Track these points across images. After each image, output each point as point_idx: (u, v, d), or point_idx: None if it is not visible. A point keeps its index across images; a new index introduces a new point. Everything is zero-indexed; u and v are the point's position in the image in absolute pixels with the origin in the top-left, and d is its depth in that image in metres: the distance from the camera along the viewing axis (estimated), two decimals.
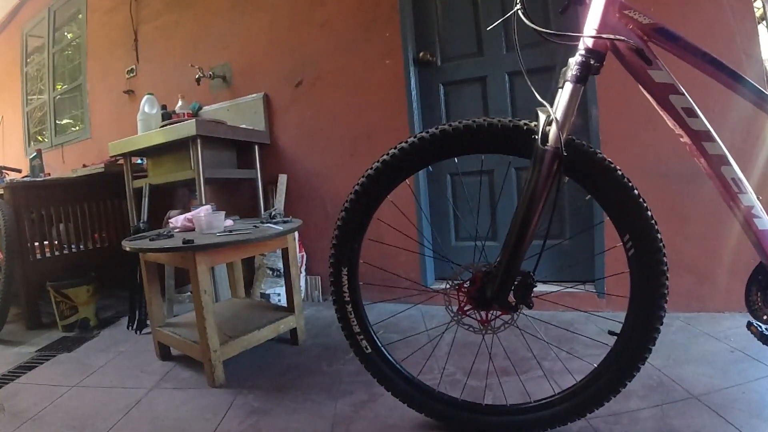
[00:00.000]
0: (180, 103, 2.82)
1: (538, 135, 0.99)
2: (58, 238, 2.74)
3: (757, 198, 1.01)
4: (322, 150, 2.70)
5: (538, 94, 1.01)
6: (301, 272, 2.64)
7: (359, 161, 2.55)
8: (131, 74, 3.56)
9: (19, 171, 3.37)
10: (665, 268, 1.03)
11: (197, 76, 2.94)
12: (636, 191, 1.04)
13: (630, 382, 1.09)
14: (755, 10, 1.85)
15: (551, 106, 1.00)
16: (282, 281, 2.46)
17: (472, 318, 1.17)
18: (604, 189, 1.06)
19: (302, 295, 2.64)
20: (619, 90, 1.88)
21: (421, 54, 2.46)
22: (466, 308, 1.17)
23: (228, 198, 3.00)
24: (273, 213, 2.06)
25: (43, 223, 2.67)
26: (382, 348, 1.28)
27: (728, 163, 0.99)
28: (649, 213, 1.03)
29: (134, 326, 2.33)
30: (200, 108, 3.03)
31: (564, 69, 1.01)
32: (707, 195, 1.88)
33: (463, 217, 2.52)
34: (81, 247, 2.83)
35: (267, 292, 2.51)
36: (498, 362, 1.53)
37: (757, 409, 1.20)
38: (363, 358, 1.27)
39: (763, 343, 1.12)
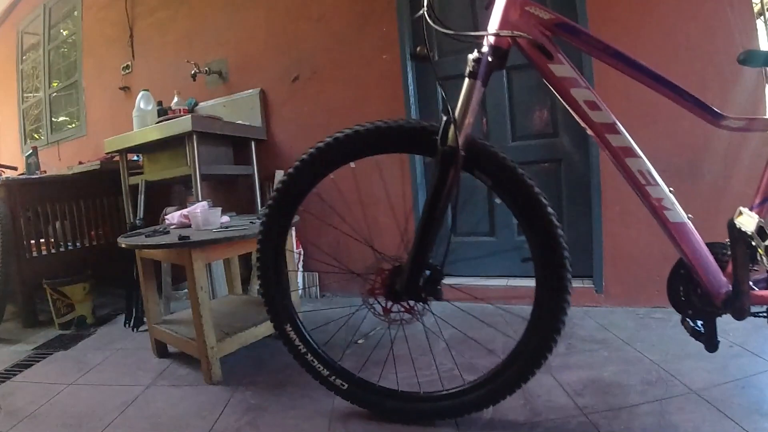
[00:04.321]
0: (176, 99, 2.80)
1: (438, 135, 1.03)
2: (54, 235, 2.72)
3: (670, 191, 1.03)
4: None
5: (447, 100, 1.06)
6: (298, 269, 2.64)
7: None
8: (127, 71, 3.54)
9: (15, 168, 3.34)
10: (567, 263, 1.07)
11: (193, 72, 2.92)
12: (536, 189, 1.07)
13: (538, 370, 1.13)
14: (753, 5, 1.84)
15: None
16: None
17: (389, 309, 1.21)
18: (507, 188, 1.10)
19: (299, 291, 2.63)
20: (616, 86, 1.87)
21: (418, 48, 2.43)
22: (382, 300, 1.21)
23: (224, 194, 2.98)
24: None
25: (39, 221, 2.65)
26: (358, 376, 1.32)
27: (635, 155, 1.02)
28: (550, 210, 1.07)
29: (131, 324, 2.32)
30: (196, 104, 3.00)
31: None
32: (706, 190, 1.87)
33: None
34: (77, 244, 2.81)
35: None
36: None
37: (757, 404, 1.20)
38: (345, 396, 1.31)
39: (696, 339, 1.14)
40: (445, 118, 1.03)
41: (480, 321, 1.67)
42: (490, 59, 1.00)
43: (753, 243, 0.99)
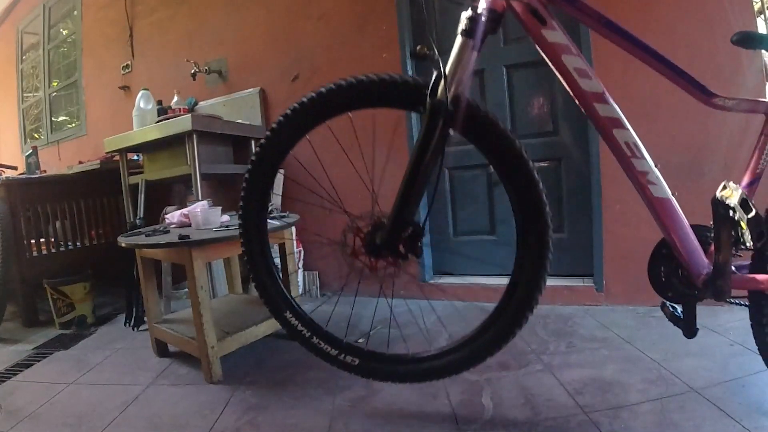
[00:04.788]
0: (175, 98, 2.79)
1: (428, 90, 1.02)
2: (55, 235, 2.72)
3: (655, 165, 1.01)
4: (319, 145, 2.68)
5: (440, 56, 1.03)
6: (298, 267, 2.64)
7: (356, 155, 2.54)
8: (126, 70, 3.54)
9: (15, 168, 3.34)
10: (549, 232, 1.06)
11: (193, 71, 2.91)
12: (527, 158, 1.05)
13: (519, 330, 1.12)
14: (753, 4, 1.84)
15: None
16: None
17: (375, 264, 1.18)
18: (495, 151, 1.08)
19: (300, 290, 2.63)
20: (616, 82, 1.87)
21: (418, 47, 2.44)
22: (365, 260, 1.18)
23: (224, 194, 2.98)
24: (270, 208, 2.04)
25: (39, 221, 2.65)
26: (368, 349, 1.28)
27: (621, 127, 1.00)
28: (540, 185, 1.05)
29: (131, 323, 2.32)
30: (196, 103, 3.00)
31: None
32: (707, 188, 1.86)
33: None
34: (77, 244, 2.81)
35: None
36: None
37: (757, 403, 1.19)
38: (357, 371, 1.28)
39: (674, 324, 1.13)
40: (435, 73, 1.02)
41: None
42: (484, 20, 0.98)
43: (736, 216, 0.97)
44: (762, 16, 1.86)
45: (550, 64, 1.02)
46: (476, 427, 1.22)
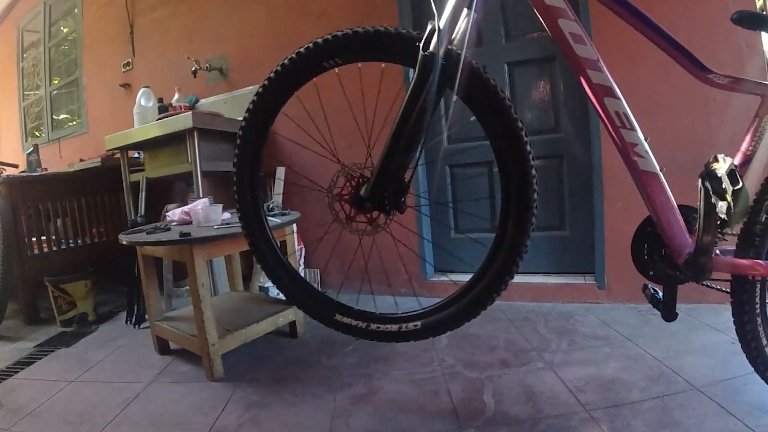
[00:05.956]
0: (176, 96, 2.79)
1: (421, 42, 0.99)
2: (56, 233, 2.72)
3: (645, 139, 1.00)
4: (321, 142, 2.68)
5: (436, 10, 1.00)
6: (300, 265, 2.63)
7: (357, 153, 2.53)
8: (127, 68, 3.53)
9: (16, 166, 3.35)
10: (535, 197, 1.03)
11: (193, 69, 2.91)
12: (519, 123, 1.01)
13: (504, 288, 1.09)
14: (756, 1, 1.83)
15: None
16: None
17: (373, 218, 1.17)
18: (486, 111, 1.05)
19: None
20: (617, 80, 1.86)
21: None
22: (347, 209, 1.19)
23: (225, 191, 2.97)
24: (271, 206, 2.04)
25: (40, 218, 2.66)
26: (422, 309, 1.21)
27: (613, 96, 0.99)
28: (528, 148, 1.02)
29: (132, 321, 2.33)
30: (197, 101, 3.00)
31: None
32: None
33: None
34: (78, 242, 2.82)
35: (265, 285, 2.50)
36: None
37: (759, 401, 1.19)
38: (421, 335, 1.20)
39: (654, 306, 1.11)
40: (429, 27, 0.99)
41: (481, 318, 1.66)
42: None
43: (723, 185, 0.95)
44: (764, 13, 1.85)
45: (545, 27, 1.00)
46: (478, 425, 1.22)
